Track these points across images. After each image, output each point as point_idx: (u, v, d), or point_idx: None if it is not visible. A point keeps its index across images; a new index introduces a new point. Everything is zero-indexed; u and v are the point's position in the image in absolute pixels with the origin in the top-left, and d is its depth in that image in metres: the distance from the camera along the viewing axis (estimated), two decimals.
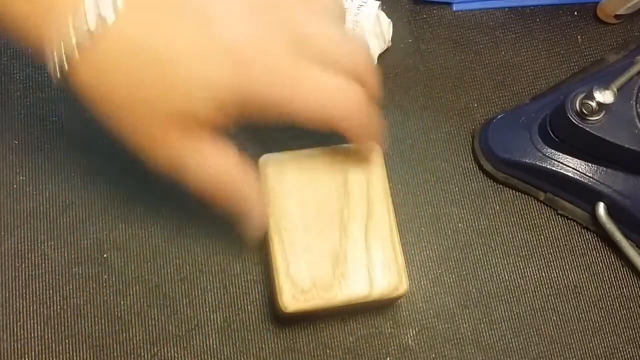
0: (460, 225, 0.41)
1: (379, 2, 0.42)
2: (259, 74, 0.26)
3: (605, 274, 0.41)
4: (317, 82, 0.27)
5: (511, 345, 0.39)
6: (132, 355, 0.38)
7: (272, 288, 0.35)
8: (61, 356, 0.38)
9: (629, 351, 0.39)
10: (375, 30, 0.42)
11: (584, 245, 0.41)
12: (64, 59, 0.25)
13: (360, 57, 0.29)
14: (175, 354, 0.38)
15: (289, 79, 0.27)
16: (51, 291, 0.39)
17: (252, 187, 0.30)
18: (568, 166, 0.39)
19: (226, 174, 0.29)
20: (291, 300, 0.32)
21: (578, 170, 0.39)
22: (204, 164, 0.28)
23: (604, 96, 0.35)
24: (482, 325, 0.39)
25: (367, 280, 0.33)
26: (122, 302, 0.39)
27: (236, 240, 0.39)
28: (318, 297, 0.33)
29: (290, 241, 0.33)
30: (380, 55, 0.43)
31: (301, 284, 0.33)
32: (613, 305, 0.40)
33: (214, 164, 0.29)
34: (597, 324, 0.40)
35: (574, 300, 0.40)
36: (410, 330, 0.39)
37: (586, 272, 0.41)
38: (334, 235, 0.34)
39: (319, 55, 0.27)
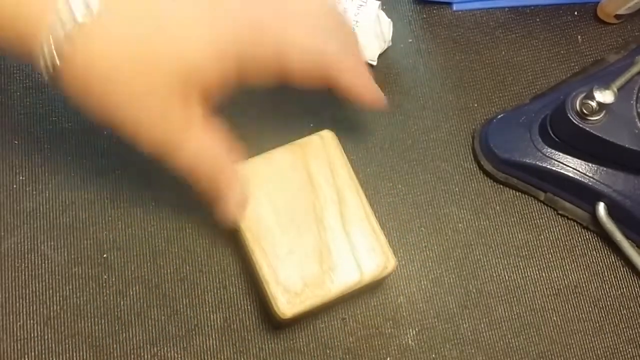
0: (460, 225, 0.41)
1: (379, 2, 0.42)
2: (257, 18, 0.27)
3: (605, 274, 0.41)
4: (315, 29, 0.29)
5: (511, 345, 0.39)
6: (132, 355, 0.38)
7: (264, 298, 0.35)
8: (61, 356, 0.38)
9: (629, 351, 0.39)
10: (375, 30, 0.42)
11: (584, 245, 0.41)
12: (55, 54, 0.25)
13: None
14: (175, 354, 0.38)
15: (288, 24, 0.28)
16: (51, 291, 0.39)
17: (234, 170, 0.31)
18: (568, 166, 0.39)
19: (215, 153, 0.29)
20: (287, 306, 0.32)
21: (578, 170, 0.39)
22: (198, 139, 0.28)
23: (604, 96, 0.35)
24: (482, 325, 0.39)
25: (355, 267, 0.33)
26: (122, 302, 0.39)
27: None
28: (313, 295, 0.33)
29: (271, 248, 0.33)
30: (380, 55, 0.43)
31: (293, 287, 0.33)
32: (613, 305, 0.40)
33: (206, 142, 0.29)
34: (597, 324, 0.40)
35: (574, 300, 0.40)
36: (410, 330, 0.39)
37: (586, 272, 0.41)
38: (313, 230, 0.34)
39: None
